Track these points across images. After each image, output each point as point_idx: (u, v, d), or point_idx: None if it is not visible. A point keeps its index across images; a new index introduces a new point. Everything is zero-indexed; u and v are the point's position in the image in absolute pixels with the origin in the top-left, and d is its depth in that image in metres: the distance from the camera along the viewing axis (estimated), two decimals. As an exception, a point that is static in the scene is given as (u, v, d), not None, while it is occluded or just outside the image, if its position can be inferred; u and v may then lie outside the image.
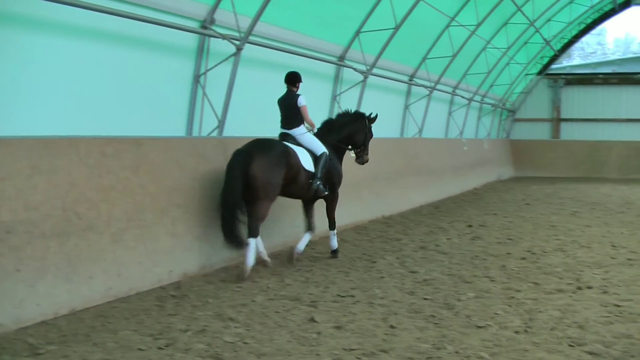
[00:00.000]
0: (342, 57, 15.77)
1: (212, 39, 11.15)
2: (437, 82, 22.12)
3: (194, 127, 11.20)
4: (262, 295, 7.92)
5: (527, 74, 32.39)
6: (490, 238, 12.51)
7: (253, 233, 8.97)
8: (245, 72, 12.01)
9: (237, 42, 11.34)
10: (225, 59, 11.30)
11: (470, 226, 14.10)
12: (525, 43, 28.22)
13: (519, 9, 21.94)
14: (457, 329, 6.66)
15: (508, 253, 10.94)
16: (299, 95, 9.84)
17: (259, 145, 9.13)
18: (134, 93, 10.07)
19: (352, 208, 13.75)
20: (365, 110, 11.17)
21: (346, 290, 8.23)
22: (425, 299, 7.87)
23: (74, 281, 7.23)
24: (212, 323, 6.77)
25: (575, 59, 62.18)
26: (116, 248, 7.87)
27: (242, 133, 11.62)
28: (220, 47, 11.28)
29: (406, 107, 21.01)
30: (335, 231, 10.62)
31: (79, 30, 8.94)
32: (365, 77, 16.66)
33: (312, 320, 6.91)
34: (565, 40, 32.44)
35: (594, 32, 37.46)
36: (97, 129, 8.98)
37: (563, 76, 34.16)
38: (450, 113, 25.72)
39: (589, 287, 8.44)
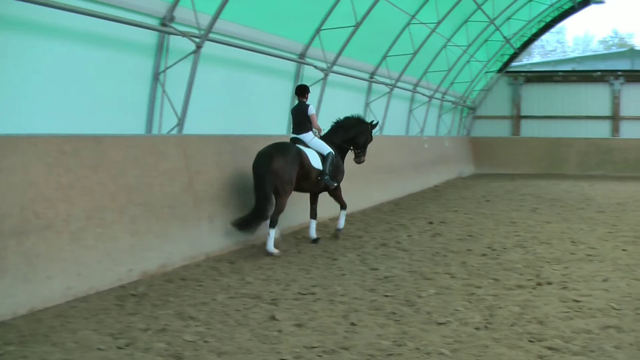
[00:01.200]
0: (302, 55, 15.81)
1: (171, 36, 11.12)
2: (398, 80, 22.27)
3: (153, 125, 11.16)
4: (222, 294, 7.96)
5: (487, 72, 32.69)
6: (451, 235, 12.69)
7: (273, 224, 10.49)
8: (205, 69, 12.00)
9: (197, 40, 11.33)
10: (185, 57, 11.28)
11: (431, 223, 14.26)
12: (486, 41, 28.52)
13: (479, 7, 22.19)
14: (418, 325, 6.77)
15: (468, 249, 11.11)
16: (308, 105, 11.57)
17: (278, 148, 10.77)
18: (93, 90, 9.97)
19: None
20: (326, 107, 11.31)
21: (307, 288, 8.30)
22: (386, 295, 7.98)
23: (33, 281, 7.20)
24: (173, 322, 6.80)
25: (535, 56, 63.15)
26: (75, 247, 7.85)
27: (202, 131, 11.64)
28: (181, 44, 11.26)
29: (367, 104, 21.11)
30: (345, 212, 12.35)
31: (34, 27, 8.82)
32: (326, 75, 16.73)
33: (273, 318, 6.98)
34: (525, 39, 32.80)
35: (553, 30, 37.97)
36: (56, 127, 8.98)
37: (523, 74, 34.61)
38: (410, 111, 25.90)
39: (549, 283, 8.61)
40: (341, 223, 12.30)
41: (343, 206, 12.28)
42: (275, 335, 6.43)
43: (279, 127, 15.47)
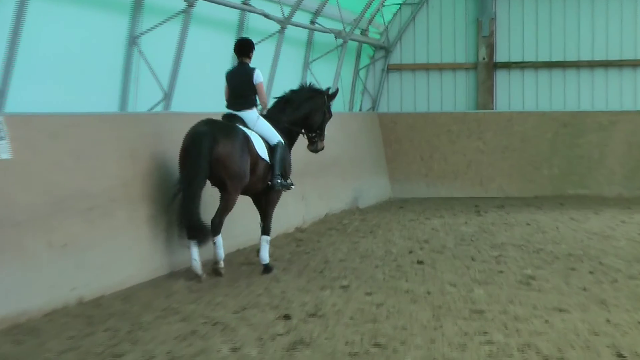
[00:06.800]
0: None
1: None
2: None
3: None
4: None
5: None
6: (333, 344, 12.49)
7: (217, 230, 16.73)
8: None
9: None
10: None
11: (287, 317, 14.08)
12: None
13: None
14: None
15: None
16: (254, 69, 17.35)
17: (221, 128, 16.26)
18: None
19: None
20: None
21: None
22: None
23: None
24: None
25: None
26: None
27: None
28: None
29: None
30: (269, 238, 18.59)
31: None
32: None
33: None
34: None
35: None
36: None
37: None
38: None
39: None
40: (264, 256, 18.23)
41: (267, 230, 18.35)
42: None
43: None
